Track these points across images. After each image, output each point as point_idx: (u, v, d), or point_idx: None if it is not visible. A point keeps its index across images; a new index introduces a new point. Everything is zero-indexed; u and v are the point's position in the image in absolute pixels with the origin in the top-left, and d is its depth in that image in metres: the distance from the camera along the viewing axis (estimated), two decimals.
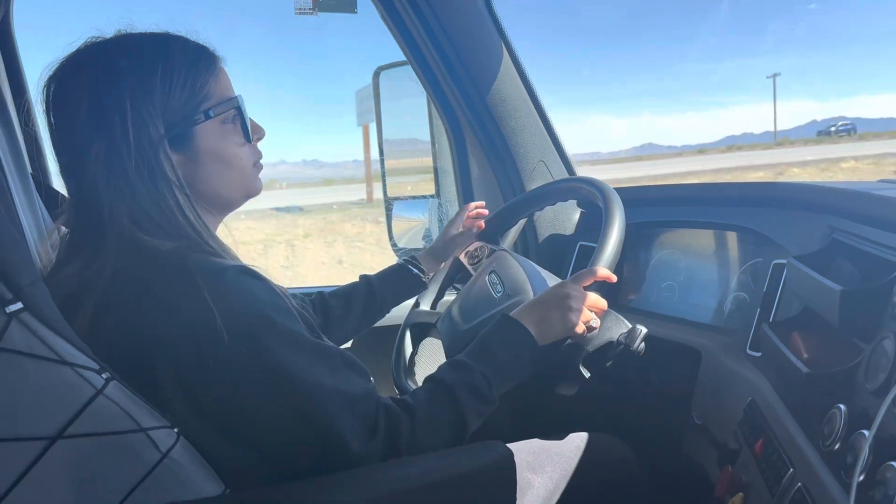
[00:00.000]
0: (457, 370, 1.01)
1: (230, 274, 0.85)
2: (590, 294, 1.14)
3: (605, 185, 1.37)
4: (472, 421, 0.99)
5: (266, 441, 0.88)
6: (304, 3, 1.70)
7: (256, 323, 0.84)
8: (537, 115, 1.93)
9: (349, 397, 0.89)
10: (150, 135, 0.89)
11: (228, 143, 0.97)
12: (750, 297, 1.37)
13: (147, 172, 0.88)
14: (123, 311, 0.85)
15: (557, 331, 1.10)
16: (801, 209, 1.26)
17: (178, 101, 0.92)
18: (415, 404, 0.96)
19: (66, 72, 0.93)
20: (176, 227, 0.90)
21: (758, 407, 1.09)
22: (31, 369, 0.74)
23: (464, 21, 1.80)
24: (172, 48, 0.94)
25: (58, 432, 0.75)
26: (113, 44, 0.94)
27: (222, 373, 0.83)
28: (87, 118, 0.89)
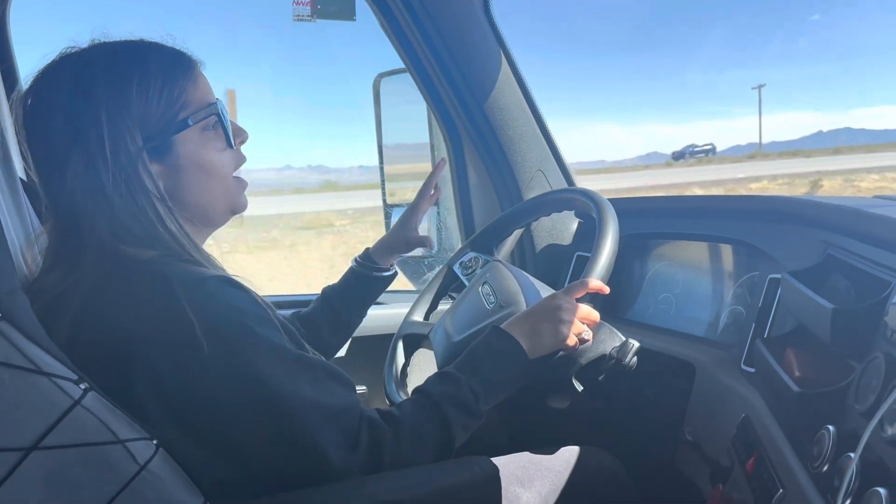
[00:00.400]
0: (444, 383, 1.00)
1: (211, 283, 0.84)
2: (582, 306, 1.13)
3: (599, 196, 1.36)
4: (459, 435, 0.98)
5: (246, 453, 0.87)
6: (303, 10, 1.69)
7: (237, 333, 0.83)
8: (536, 124, 1.92)
9: (331, 410, 0.88)
10: (128, 147, 0.88)
11: (209, 150, 0.96)
12: (746, 311, 1.36)
13: (126, 186, 0.87)
14: (102, 321, 0.84)
15: (548, 343, 1.09)
16: (797, 224, 1.25)
17: (155, 110, 0.90)
18: (401, 417, 0.95)
19: (42, 85, 0.92)
20: (157, 239, 0.89)
21: (751, 424, 1.08)
22: (7, 379, 0.73)
23: (462, 29, 1.79)
24: (148, 56, 0.93)
25: (33, 443, 0.74)
26: (87, 54, 0.93)
27: (202, 383, 0.82)
28: (63, 132, 0.88)
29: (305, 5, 1.70)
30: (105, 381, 0.80)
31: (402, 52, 1.87)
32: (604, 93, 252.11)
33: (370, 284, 1.44)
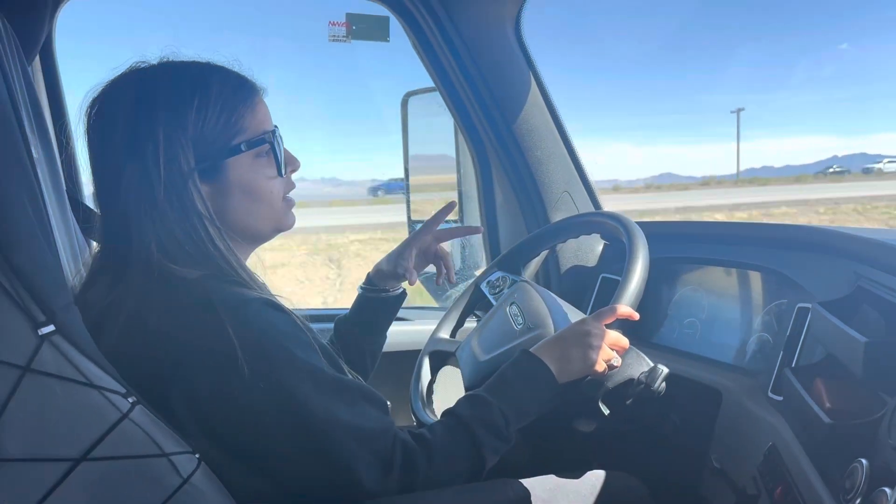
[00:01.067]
0: (475, 406, 1.01)
1: (253, 306, 0.86)
2: (611, 332, 1.14)
3: (630, 221, 1.37)
4: (490, 458, 0.99)
5: (282, 472, 0.89)
6: (338, 31, 1.73)
7: (276, 356, 0.85)
8: (563, 147, 1.94)
9: (366, 432, 0.89)
10: (181, 166, 0.90)
11: (259, 177, 0.98)
12: (773, 339, 1.36)
13: (177, 202, 0.90)
14: (145, 336, 0.86)
15: (577, 369, 1.10)
16: (827, 254, 1.26)
17: (210, 133, 0.93)
18: (432, 439, 0.96)
19: (108, 96, 0.95)
20: (205, 257, 0.91)
21: (778, 452, 1.08)
22: (60, 391, 0.76)
23: (493, 51, 1.82)
24: (211, 79, 0.95)
25: (82, 454, 0.76)
26: (154, 71, 0.96)
27: (239, 403, 0.84)
28: (122, 143, 0.90)
29: (341, 26, 1.74)
30: (146, 394, 0.82)
31: (433, 72, 1.90)
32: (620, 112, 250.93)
33: (382, 306, 1.39)
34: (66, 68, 1.66)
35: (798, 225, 1.42)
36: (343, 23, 1.74)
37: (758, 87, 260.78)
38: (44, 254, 0.78)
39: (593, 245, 1.95)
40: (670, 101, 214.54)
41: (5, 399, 0.74)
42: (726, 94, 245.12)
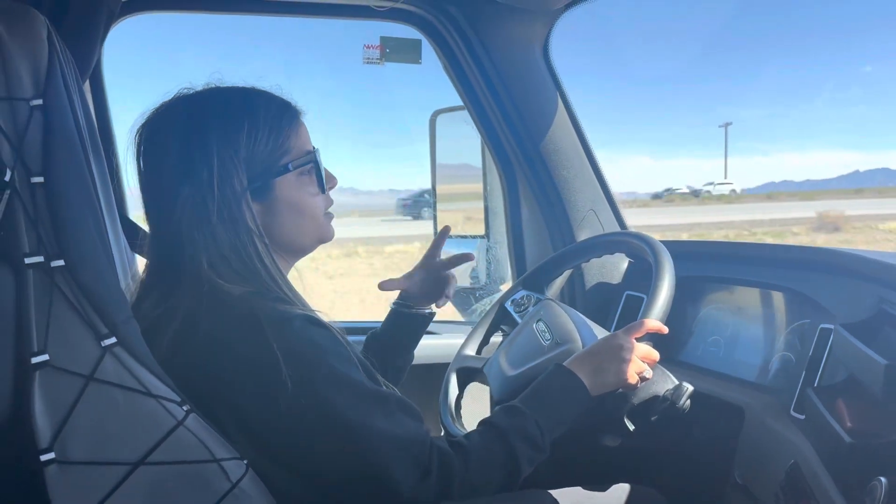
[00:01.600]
0: (512, 416, 1.05)
1: (296, 324, 0.90)
2: (641, 345, 1.17)
3: (655, 240, 1.41)
4: (524, 467, 1.02)
5: (323, 479, 0.93)
6: (372, 53, 1.78)
7: (317, 370, 0.90)
8: (590, 166, 1.98)
9: (403, 440, 0.93)
10: (234, 186, 0.95)
11: (304, 194, 1.03)
12: (796, 358, 1.38)
13: (230, 221, 0.95)
14: (195, 349, 0.91)
15: (611, 382, 1.13)
16: (851, 277, 1.28)
17: (260, 154, 0.98)
18: (469, 446, 0.99)
19: (159, 121, 1.00)
20: (252, 273, 0.96)
21: (800, 470, 1.10)
22: (121, 399, 0.81)
23: (522, 72, 1.87)
24: (257, 104, 1.01)
25: (140, 459, 0.81)
26: (203, 97, 1.01)
27: (283, 415, 0.88)
28: (177, 166, 0.95)
29: (375, 49, 1.79)
30: (195, 403, 0.87)
31: (463, 93, 1.95)
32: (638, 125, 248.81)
33: (411, 323, 1.42)
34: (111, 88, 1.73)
35: (822, 247, 1.44)
36: (377, 46, 1.80)
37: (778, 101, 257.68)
38: (105, 271, 0.84)
39: (618, 263, 1.98)
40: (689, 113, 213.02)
41: (71, 406, 0.79)
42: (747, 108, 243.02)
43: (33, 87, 0.82)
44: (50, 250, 0.80)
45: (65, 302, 0.80)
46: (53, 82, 0.84)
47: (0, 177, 0.79)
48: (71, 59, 1.12)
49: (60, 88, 0.85)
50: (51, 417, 0.79)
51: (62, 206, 0.81)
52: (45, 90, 0.83)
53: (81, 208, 0.83)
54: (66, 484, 0.79)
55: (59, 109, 0.84)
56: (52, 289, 0.80)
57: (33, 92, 0.82)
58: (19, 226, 0.79)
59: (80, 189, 0.83)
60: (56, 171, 0.82)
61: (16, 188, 0.79)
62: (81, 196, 0.83)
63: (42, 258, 0.80)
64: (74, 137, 0.85)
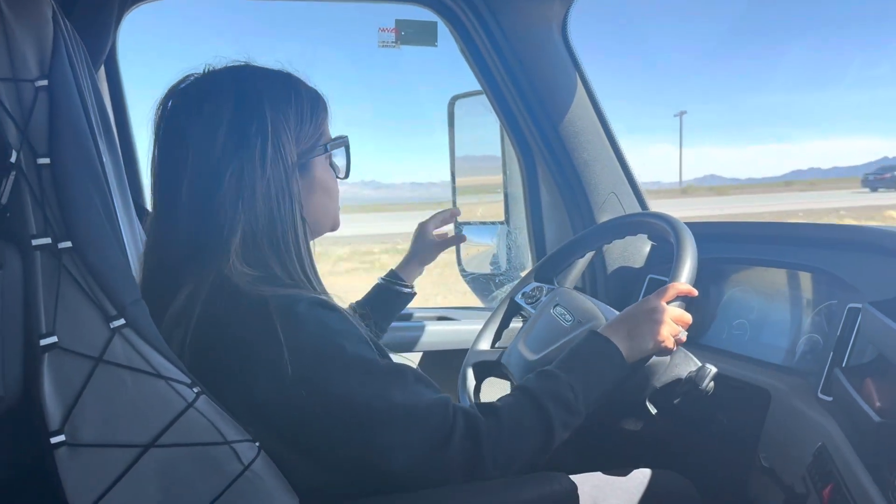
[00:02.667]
0: (545, 379, 1.02)
1: (302, 306, 0.89)
2: (673, 308, 1.15)
3: (670, 217, 1.38)
4: (559, 431, 0.99)
5: (340, 461, 0.91)
6: (388, 36, 1.77)
7: (327, 351, 0.88)
8: (610, 148, 1.94)
9: (423, 411, 0.91)
10: (287, 158, 0.95)
11: (332, 177, 1.05)
12: (823, 340, 1.35)
13: (276, 193, 0.93)
14: (206, 337, 0.89)
15: (646, 346, 1.10)
16: (879, 254, 1.25)
17: (306, 131, 0.99)
18: (500, 409, 0.97)
19: (202, 90, 0.97)
20: (282, 247, 0.94)
21: (828, 452, 1.08)
22: (130, 381, 0.80)
23: (540, 53, 1.84)
24: (297, 84, 1.01)
25: (151, 441, 0.81)
26: (246, 71, 0.99)
27: (296, 401, 0.87)
28: (227, 138, 0.92)
29: (390, 32, 1.77)
30: (208, 386, 0.86)
31: (480, 76, 1.92)
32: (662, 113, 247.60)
33: (394, 299, 1.52)
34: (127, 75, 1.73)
35: (848, 225, 1.40)
36: (392, 29, 1.78)
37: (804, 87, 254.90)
38: (114, 252, 0.83)
39: (640, 246, 1.95)
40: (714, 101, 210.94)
41: (80, 388, 0.79)
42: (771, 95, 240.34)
43: (38, 67, 0.82)
44: (57, 232, 0.80)
45: (73, 283, 0.80)
46: (59, 63, 0.84)
47: (6, 158, 0.79)
48: (80, 42, 1.12)
49: (66, 69, 0.85)
50: (60, 399, 0.78)
51: (69, 187, 0.81)
52: (50, 71, 0.82)
53: (89, 189, 0.82)
54: (76, 466, 0.79)
55: (65, 90, 0.83)
56: (60, 270, 0.79)
57: (38, 73, 0.82)
58: (26, 207, 0.79)
59: (87, 170, 0.83)
60: (62, 152, 0.81)
61: (22, 170, 0.79)
62: (89, 177, 0.83)
63: (49, 240, 0.79)
64: (81, 119, 0.84)
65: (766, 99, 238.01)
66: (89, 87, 1.09)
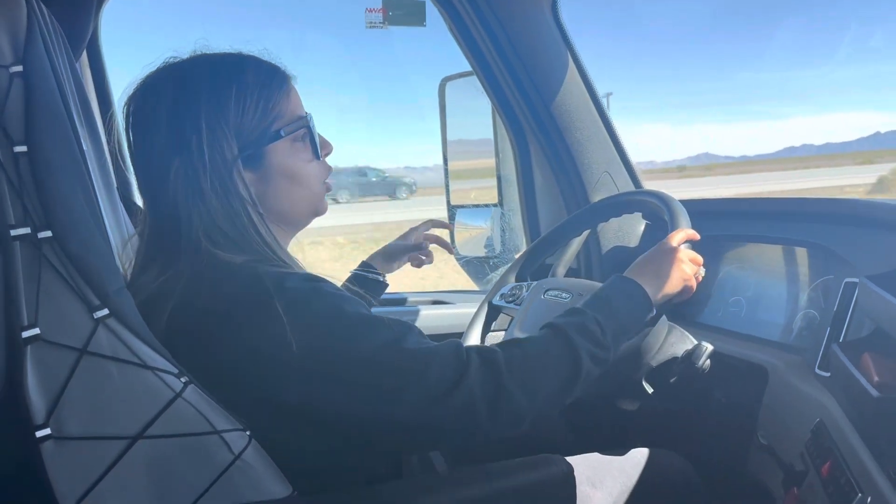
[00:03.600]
0: (570, 315, 1.01)
1: (294, 280, 0.87)
2: (686, 250, 1.17)
3: (664, 193, 1.37)
4: (587, 363, 0.95)
5: (346, 430, 0.88)
6: (375, 17, 1.74)
7: (330, 313, 0.86)
8: (603, 127, 1.93)
9: (435, 351, 0.88)
10: (225, 154, 0.92)
11: (297, 161, 1.00)
12: (820, 315, 1.34)
13: (222, 190, 0.92)
14: (196, 318, 0.87)
15: (673, 284, 1.11)
16: (874, 227, 1.23)
17: (250, 121, 0.95)
18: (525, 339, 0.95)
19: (146, 93, 0.97)
20: (248, 243, 0.93)
21: (826, 428, 1.07)
22: (116, 372, 0.79)
23: (531, 33, 1.81)
24: (245, 69, 0.97)
25: (139, 432, 0.79)
26: (189, 65, 0.98)
27: (303, 371, 0.84)
28: (166, 137, 0.93)
29: (378, 12, 1.75)
30: (198, 371, 0.84)
31: (470, 56, 1.90)
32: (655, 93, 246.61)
33: (367, 286, 1.49)
34: (112, 62, 1.70)
35: (842, 199, 1.39)
36: (380, 9, 1.76)
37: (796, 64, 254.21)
38: (96, 241, 0.81)
39: (635, 225, 1.94)
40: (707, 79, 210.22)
41: (65, 380, 0.77)
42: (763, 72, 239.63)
43: (12, 53, 0.79)
44: (37, 221, 0.78)
45: (54, 274, 0.78)
46: (34, 48, 0.81)
47: None
48: (58, 27, 1.10)
49: (42, 55, 0.82)
50: (45, 392, 0.77)
51: (48, 175, 0.79)
52: (24, 56, 0.80)
53: (69, 177, 0.80)
54: (63, 460, 0.77)
55: (41, 76, 0.81)
56: (41, 260, 0.78)
57: (12, 58, 0.79)
58: (4, 197, 0.77)
59: (66, 158, 0.81)
60: (40, 139, 0.79)
61: None
62: (68, 165, 0.81)
63: (29, 230, 0.77)
64: (59, 105, 0.82)
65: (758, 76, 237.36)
66: (68, 74, 1.06)
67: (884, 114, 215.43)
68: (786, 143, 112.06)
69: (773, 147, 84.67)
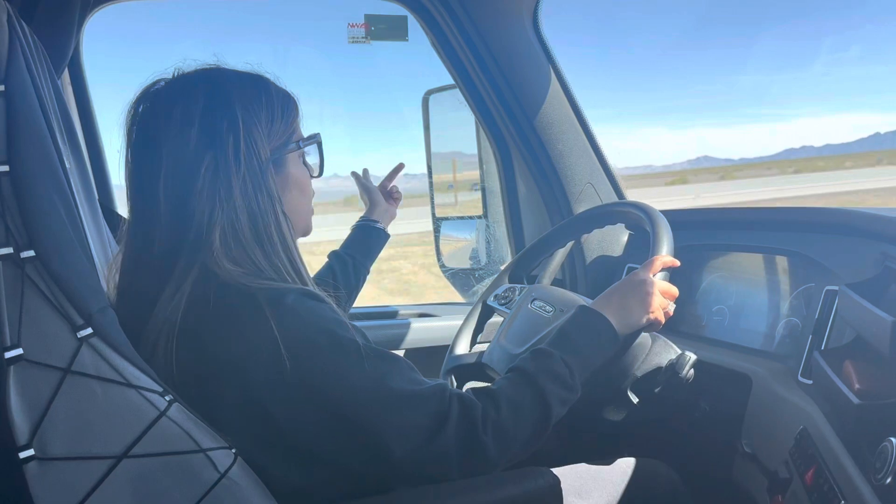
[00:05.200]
0: (538, 358, 1.01)
1: (291, 297, 0.88)
2: (661, 281, 1.16)
3: (646, 205, 1.38)
4: (557, 408, 0.98)
5: (331, 456, 0.89)
6: (357, 32, 1.75)
7: (320, 340, 0.87)
8: (585, 138, 1.94)
9: (420, 396, 0.90)
10: (260, 153, 0.94)
11: (305, 174, 1.04)
12: (802, 323, 1.36)
13: (253, 188, 0.92)
14: (194, 337, 0.87)
15: (637, 317, 1.10)
16: (853, 235, 1.25)
17: (278, 128, 0.98)
18: (496, 390, 0.96)
19: (173, 92, 0.96)
20: (265, 242, 0.93)
21: (809, 436, 1.08)
22: (100, 391, 0.78)
23: (512, 46, 1.83)
24: (267, 84, 1.00)
25: (123, 452, 0.79)
26: (217, 72, 0.99)
27: (293, 392, 0.85)
28: (200, 136, 0.92)
29: (360, 27, 1.76)
30: (190, 393, 0.84)
31: (453, 70, 1.91)
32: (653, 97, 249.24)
33: (373, 235, 1.58)
34: (95, 77, 1.70)
35: (822, 207, 1.41)
36: (362, 24, 1.76)
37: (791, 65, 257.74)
38: (79, 260, 0.81)
39: (618, 235, 1.95)
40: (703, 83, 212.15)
41: (48, 400, 0.77)
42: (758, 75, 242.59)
43: None
44: (20, 241, 0.77)
45: (37, 293, 0.77)
46: (16, 67, 0.81)
47: None
48: (40, 46, 1.10)
49: (24, 74, 0.82)
50: (28, 413, 0.76)
51: (30, 194, 0.78)
52: (7, 76, 0.80)
53: (51, 196, 0.80)
54: (47, 481, 0.77)
55: (23, 95, 0.81)
56: (24, 280, 0.77)
57: None
58: None
59: (49, 176, 0.80)
60: (22, 158, 0.79)
61: None
62: (51, 183, 0.80)
63: (11, 249, 0.77)
64: (41, 124, 0.82)
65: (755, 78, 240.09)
66: (50, 92, 1.06)
67: (881, 114, 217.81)
68: (785, 144, 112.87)
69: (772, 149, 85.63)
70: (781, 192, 20.66)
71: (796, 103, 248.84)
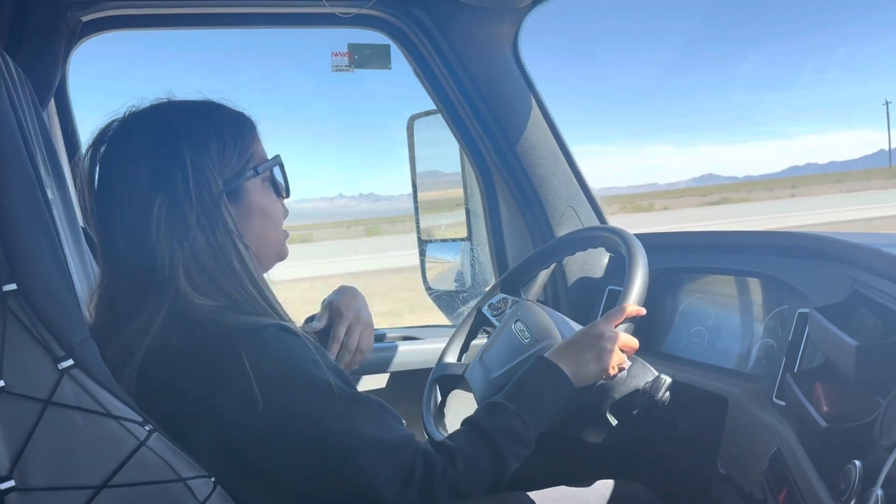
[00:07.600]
0: (494, 413, 1.03)
1: (269, 332, 0.89)
2: (622, 334, 1.17)
3: (625, 232, 1.41)
4: (511, 464, 1.00)
5: (302, 492, 0.91)
6: (341, 61, 1.78)
7: (295, 378, 0.88)
8: (566, 163, 1.97)
9: (388, 444, 0.92)
10: (211, 188, 0.94)
11: (268, 199, 1.03)
12: (777, 345, 1.38)
13: (208, 224, 0.93)
14: (165, 370, 0.89)
15: (591, 371, 1.13)
16: (823, 259, 1.28)
17: (230, 158, 0.98)
18: (455, 449, 0.98)
19: (120, 138, 0.98)
20: (230, 278, 0.94)
21: (783, 457, 1.10)
22: (80, 422, 0.79)
23: (493, 74, 1.86)
24: (220, 112, 1.01)
25: (103, 482, 0.80)
26: (163, 109, 1.00)
27: (263, 428, 0.87)
28: (149, 178, 0.93)
29: (344, 56, 1.78)
30: (167, 425, 0.85)
31: (436, 97, 1.94)
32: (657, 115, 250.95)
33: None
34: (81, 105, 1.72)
35: (794, 232, 1.44)
36: (345, 53, 1.79)
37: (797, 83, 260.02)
38: (61, 292, 0.82)
39: (599, 257, 1.98)
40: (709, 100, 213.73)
41: (29, 431, 0.78)
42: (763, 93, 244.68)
43: None
44: (1, 274, 0.79)
45: (19, 326, 0.78)
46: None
47: None
48: (24, 78, 1.11)
49: (7, 108, 0.84)
50: (8, 444, 0.77)
51: (13, 227, 0.80)
52: None
53: (34, 229, 0.81)
54: None
55: (5, 128, 0.82)
56: (6, 313, 0.78)
57: None
58: None
59: (31, 209, 0.82)
60: (4, 192, 0.80)
61: None
62: (33, 216, 0.82)
63: None
64: (24, 157, 0.83)
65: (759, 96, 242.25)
66: (34, 124, 1.08)
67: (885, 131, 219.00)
68: (789, 162, 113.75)
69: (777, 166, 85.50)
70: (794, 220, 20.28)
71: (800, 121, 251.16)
